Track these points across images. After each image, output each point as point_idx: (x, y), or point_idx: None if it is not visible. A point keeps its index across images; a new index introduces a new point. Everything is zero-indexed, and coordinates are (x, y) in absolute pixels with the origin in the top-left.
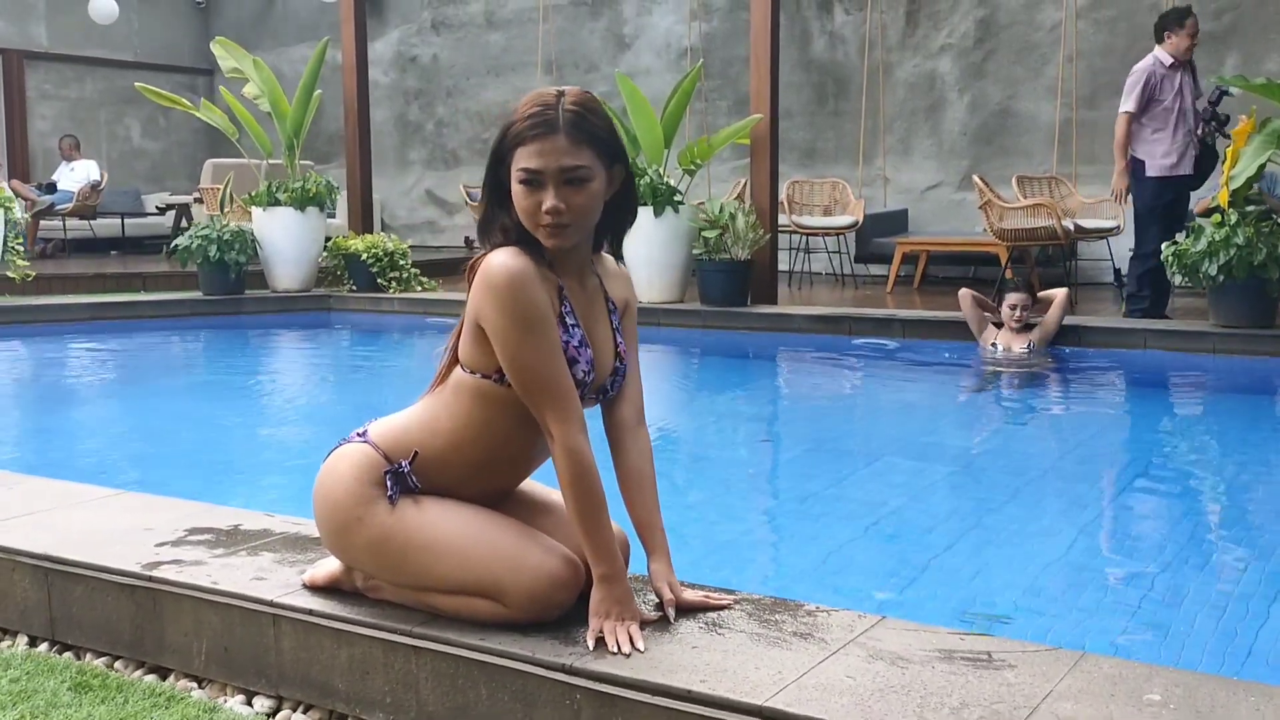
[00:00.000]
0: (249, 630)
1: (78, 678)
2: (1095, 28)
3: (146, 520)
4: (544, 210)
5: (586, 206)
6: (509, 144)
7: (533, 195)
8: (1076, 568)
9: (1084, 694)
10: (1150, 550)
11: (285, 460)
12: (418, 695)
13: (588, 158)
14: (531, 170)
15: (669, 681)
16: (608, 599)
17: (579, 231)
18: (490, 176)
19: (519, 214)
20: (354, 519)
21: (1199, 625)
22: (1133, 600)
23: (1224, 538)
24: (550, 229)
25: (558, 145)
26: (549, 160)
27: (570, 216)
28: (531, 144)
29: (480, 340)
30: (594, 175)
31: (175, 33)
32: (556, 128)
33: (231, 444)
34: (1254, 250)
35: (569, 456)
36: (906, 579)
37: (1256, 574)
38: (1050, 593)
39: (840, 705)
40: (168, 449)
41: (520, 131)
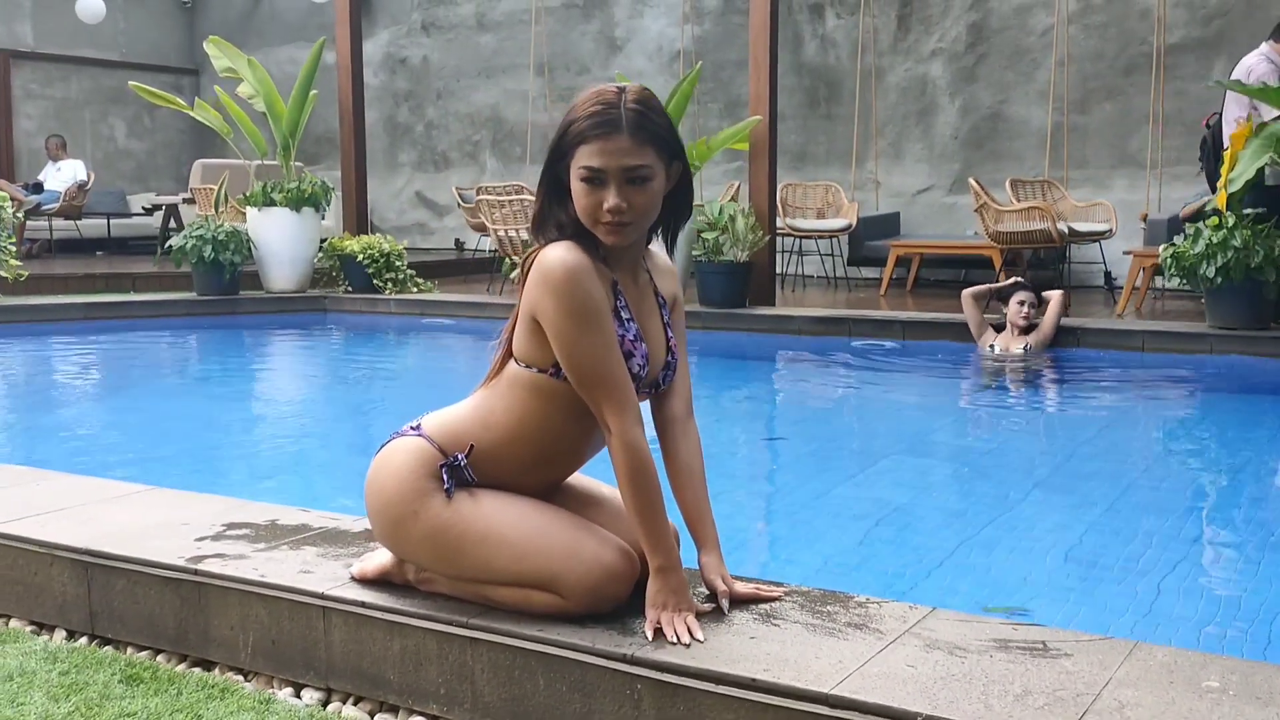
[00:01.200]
0: (298, 623)
1: (127, 670)
2: (1086, 33)
3: (181, 515)
4: (606, 209)
5: (648, 205)
6: (570, 141)
7: (594, 194)
8: (1089, 563)
9: (1142, 681)
10: (1160, 545)
11: (295, 458)
12: (473, 686)
13: (650, 157)
14: (594, 169)
15: (732, 670)
16: (664, 590)
17: (638, 230)
18: (548, 172)
19: (579, 211)
20: (410, 512)
21: (1219, 617)
22: (1148, 593)
23: (1231, 533)
24: (610, 227)
25: (621, 145)
26: (612, 160)
27: (631, 215)
28: (594, 142)
29: (535, 335)
30: (655, 174)
31: (161, 32)
32: (620, 127)
33: (237, 443)
34: (1251, 252)
35: (627, 450)
36: (922, 574)
37: (1270, 567)
38: (1066, 586)
39: (905, 693)
40: (173, 448)
41: (582, 130)
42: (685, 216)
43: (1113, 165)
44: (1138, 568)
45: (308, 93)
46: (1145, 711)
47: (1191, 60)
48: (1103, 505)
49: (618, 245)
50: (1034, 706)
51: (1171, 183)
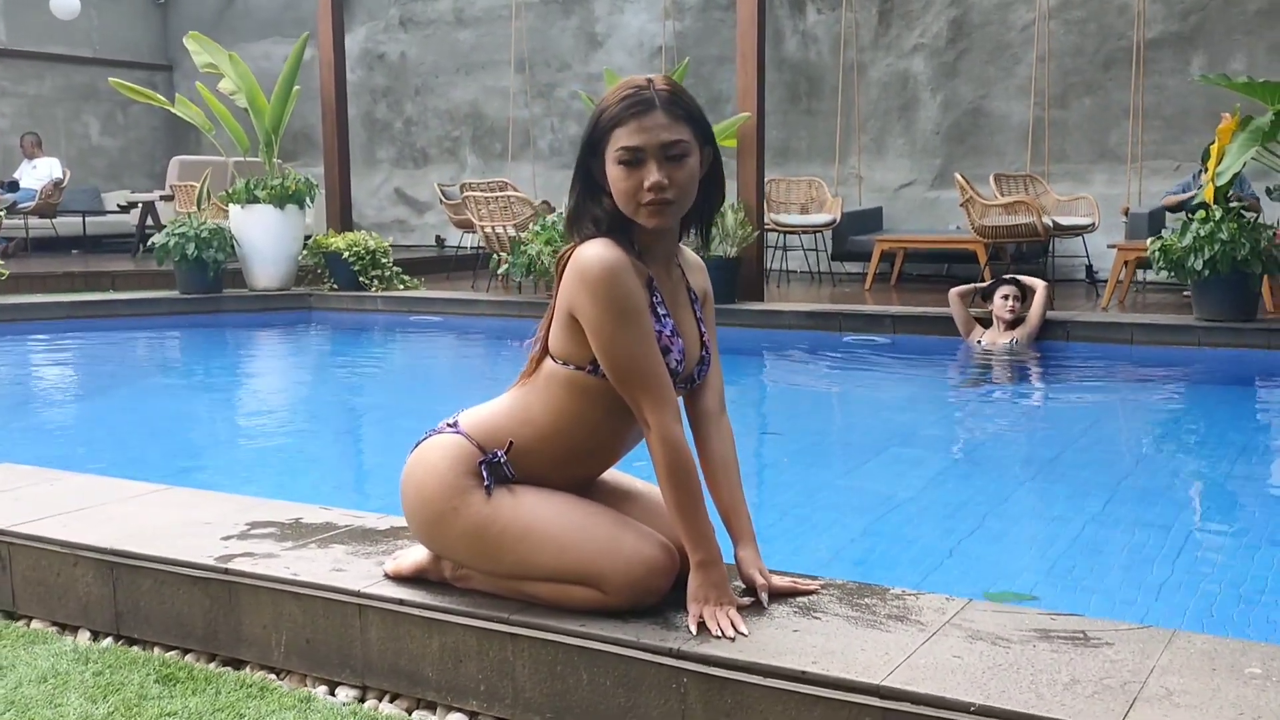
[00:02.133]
0: (333, 621)
1: (162, 670)
2: (1066, 28)
3: (202, 514)
4: (647, 187)
5: (687, 183)
6: (604, 128)
7: (633, 175)
8: (1093, 550)
9: (1186, 668)
10: (1161, 533)
11: (296, 458)
12: (514, 682)
13: (686, 133)
14: (632, 148)
15: (780, 663)
16: (706, 584)
17: (680, 210)
18: (581, 168)
19: (618, 197)
20: (449, 509)
21: (1218, 603)
22: (1154, 580)
23: (1228, 520)
24: (653, 207)
25: (657, 121)
26: (649, 136)
27: (674, 193)
28: (629, 123)
29: (573, 332)
30: (692, 151)
31: (134, 29)
32: (654, 105)
33: (234, 443)
34: (1238, 245)
35: (666, 445)
36: (930, 565)
37: (1267, 556)
38: (1073, 575)
39: (955, 683)
40: (168, 447)
41: (616, 114)
42: (718, 204)
43: (1092, 159)
44: (1141, 556)
45: (291, 88)
46: (1193, 699)
47: (1169, 55)
48: (1101, 495)
49: (660, 227)
50: (1084, 695)
51: (1150, 176)
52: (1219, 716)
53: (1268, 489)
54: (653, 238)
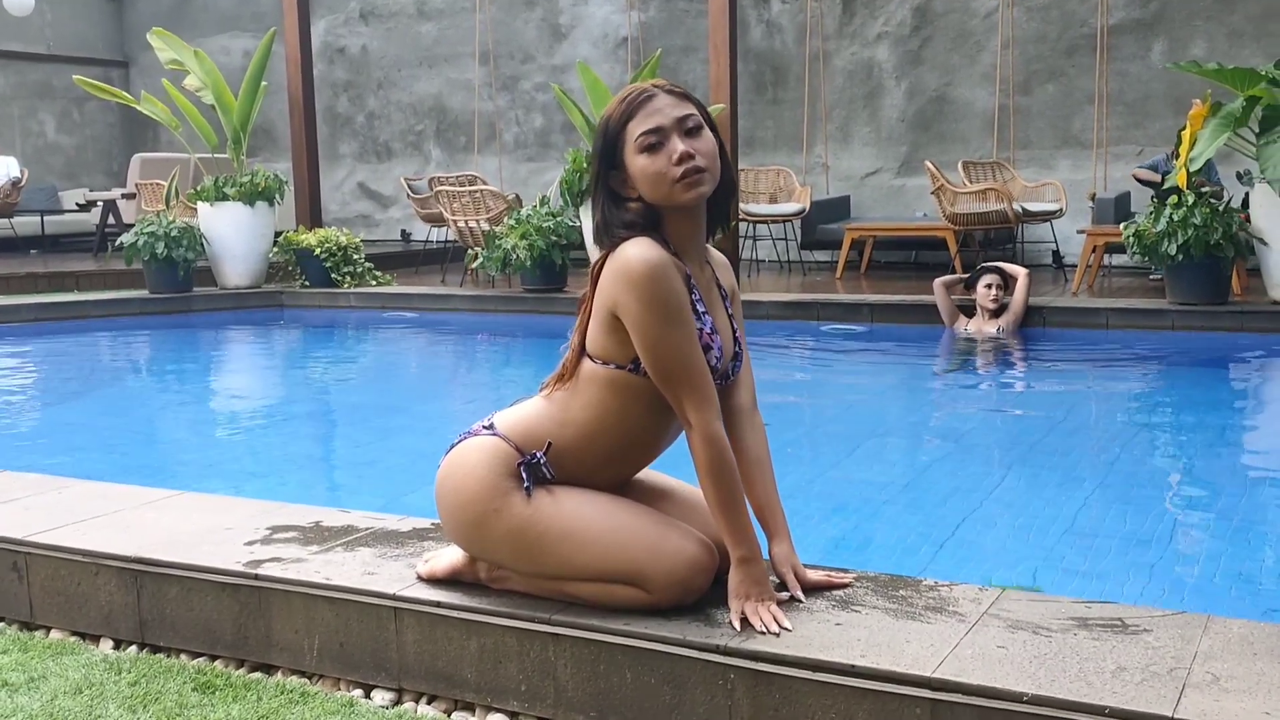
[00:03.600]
0: (367, 624)
1: (198, 678)
2: (1029, 15)
3: (221, 519)
4: (675, 160)
5: (712, 152)
6: (615, 131)
7: (660, 155)
8: (1089, 535)
9: (1227, 653)
10: (1154, 515)
11: (284, 457)
12: (556, 682)
13: (694, 109)
14: (651, 130)
15: (827, 657)
16: (746, 580)
17: (713, 180)
18: (600, 184)
19: (650, 186)
20: (490, 511)
21: (1217, 579)
22: (1148, 561)
23: (1219, 501)
24: (687, 179)
25: (665, 102)
26: (664, 115)
27: (703, 160)
28: (640, 112)
29: (614, 332)
30: (705, 125)
31: (89, 25)
32: (656, 93)
33: (227, 443)
34: (1211, 230)
35: (709, 443)
36: (929, 554)
37: (1259, 535)
38: (1071, 560)
39: (1004, 673)
40: (152, 450)
41: (624, 111)
42: (731, 190)
43: (1056, 145)
44: (1137, 539)
45: (259, 84)
46: (1240, 683)
47: (1131, 41)
48: (1092, 480)
49: (699, 200)
50: (1133, 683)
51: (1115, 161)
52: (1269, 700)
53: (1253, 471)
54: (686, 233)
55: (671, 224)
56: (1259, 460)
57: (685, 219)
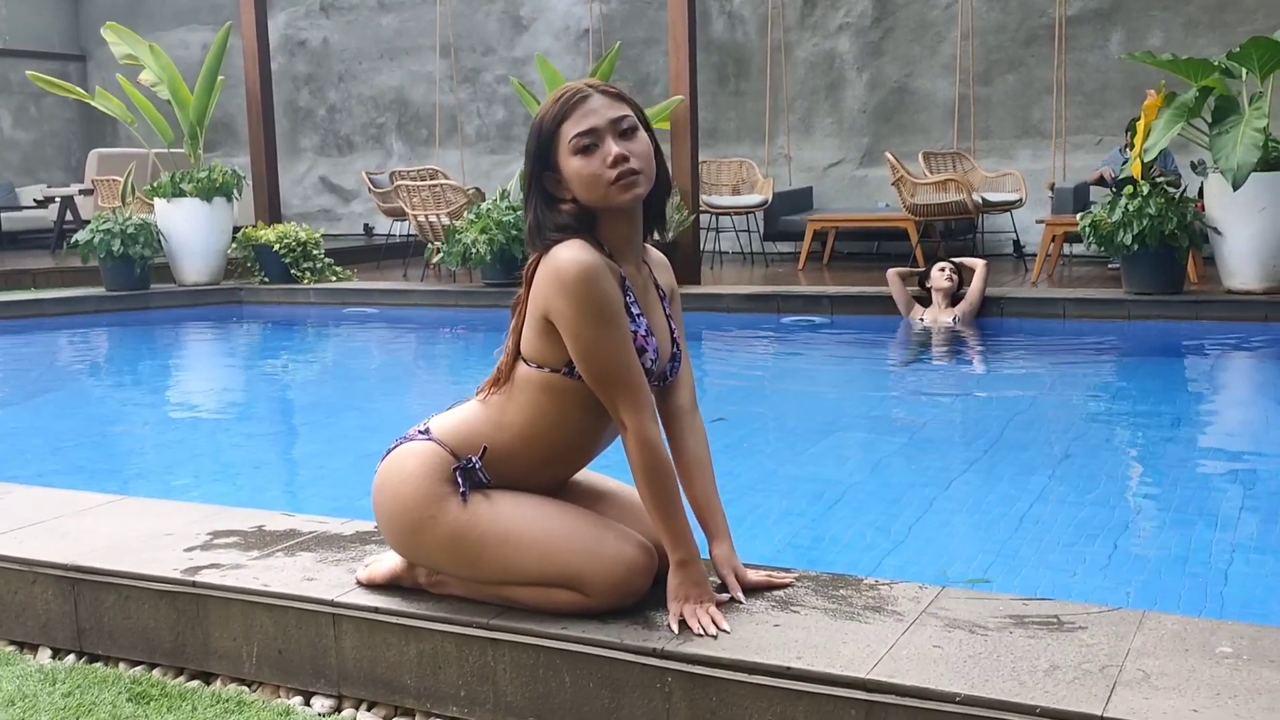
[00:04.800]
0: (306, 631)
1: (133, 687)
2: (989, 6)
3: (161, 525)
4: (610, 162)
5: (646, 154)
6: (549, 130)
7: (594, 157)
8: (1041, 529)
9: (1159, 650)
10: (1106, 508)
11: (236, 458)
12: (495, 687)
13: (628, 111)
14: (585, 131)
15: (764, 659)
16: (686, 582)
17: (648, 182)
18: (533, 183)
19: (584, 187)
20: (427, 517)
21: (1166, 577)
22: (1099, 558)
23: (1171, 493)
24: (622, 181)
25: (599, 103)
26: (598, 117)
27: (638, 162)
28: (575, 113)
29: (547, 335)
30: (640, 126)
31: (44, 18)
32: (590, 93)
33: (169, 444)
34: (1165, 219)
35: (643, 446)
36: (884, 550)
37: (1210, 527)
38: (1022, 555)
39: (938, 673)
40: (102, 453)
41: (559, 112)
42: (668, 190)
43: (1016, 135)
44: (1087, 533)
45: (215, 78)
46: (1170, 680)
47: (1090, 31)
48: (1045, 473)
49: (634, 202)
50: (1065, 681)
51: (1074, 151)
52: (1196, 697)
53: (1204, 462)
54: (621, 234)
55: (606, 225)
56: (1211, 451)
57: (621, 220)
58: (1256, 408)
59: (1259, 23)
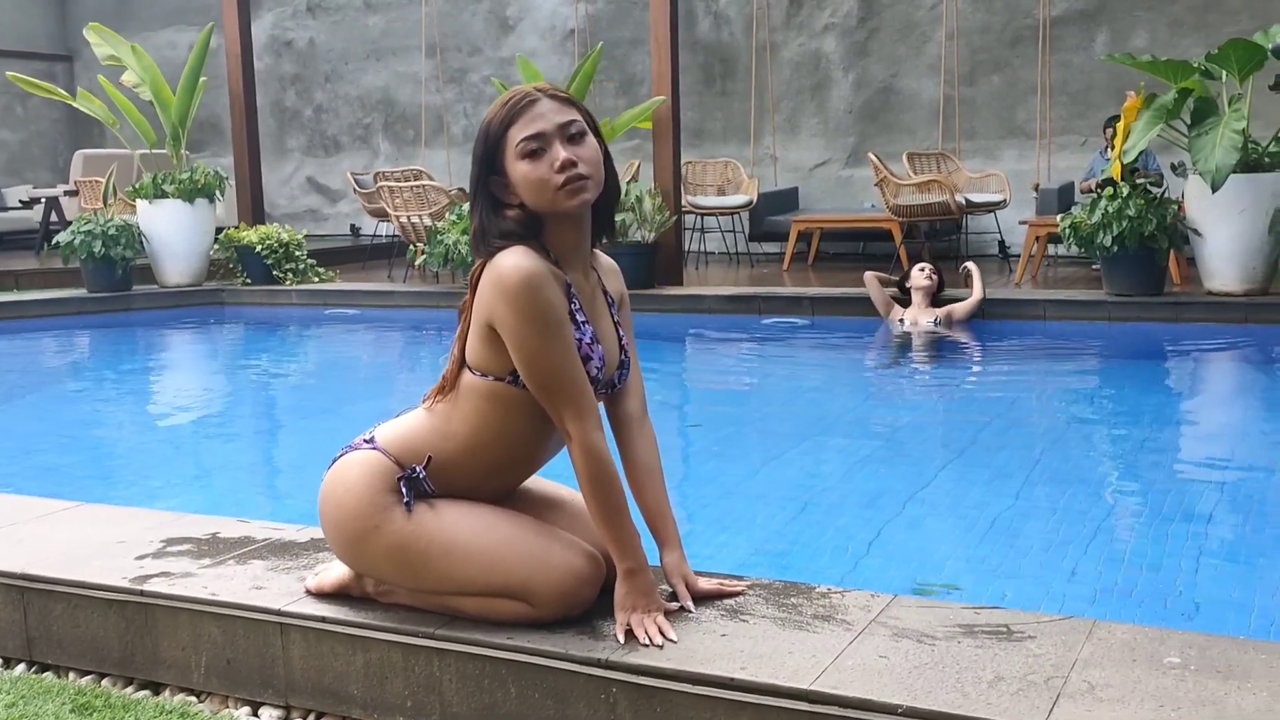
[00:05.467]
0: (254, 640)
1: (77, 698)
2: (974, 6)
3: (116, 532)
4: (558, 167)
5: (594, 159)
6: (496, 134)
7: (541, 161)
8: (1012, 535)
9: (1107, 660)
10: (1077, 515)
11: (209, 464)
12: (441, 697)
13: (577, 115)
14: (532, 136)
15: (708, 670)
16: (633, 592)
17: (596, 187)
18: (479, 186)
19: (531, 192)
20: (370, 528)
21: (1136, 584)
22: (1069, 564)
23: (1142, 499)
24: (569, 186)
25: (548, 108)
26: (546, 121)
27: (586, 168)
28: (522, 117)
29: (491, 343)
30: (588, 130)
31: (31, 18)
32: (539, 97)
33: (143, 450)
34: (1145, 221)
35: (588, 455)
36: (855, 556)
37: (1183, 532)
38: (993, 562)
39: (883, 684)
40: (76, 456)
41: (506, 115)
42: (617, 195)
43: (1001, 136)
44: (1059, 539)
45: (197, 80)
46: (1115, 691)
47: (1074, 32)
48: (1019, 478)
49: (582, 208)
50: (1009, 692)
51: (1059, 152)
52: (1140, 710)
53: (1178, 466)
54: (568, 240)
55: (553, 231)
56: (1186, 456)
57: (568, 226)
58: (1232, 412)
59: (1244, 24)
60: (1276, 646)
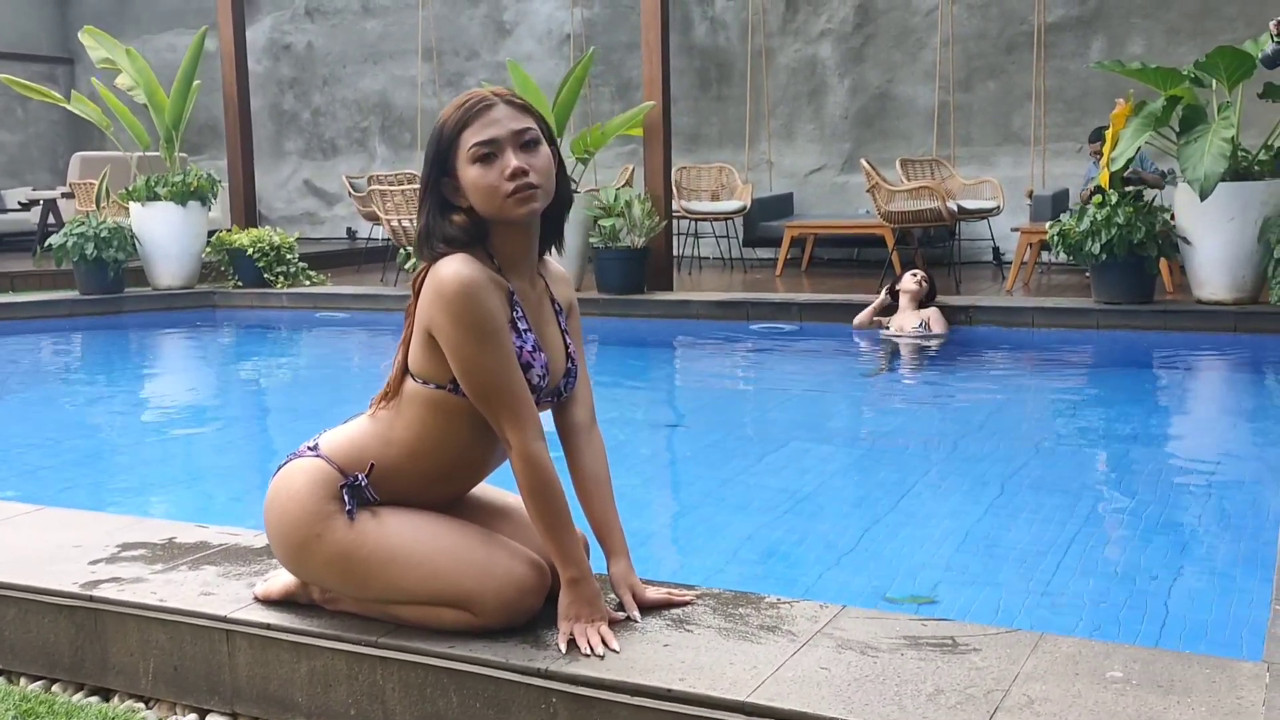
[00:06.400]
0: (200, 647)
1: (21, 704)
2: (969, 12)
3: (74, 536)
4: (508, 175)
5: (546, 168)
6: (449, 136)
7: (492, 168)
8: (989, 545)
9: (1049, 674)
10: (1055, 525)
11: (188, 467)
12: (384, 706)
13: (532, 123)
14: (485, 141)
15: (647, 681)
16: (577, 601)
17: (546, 197)
18: (429, 187)
19: (480, 197)
20: (313, 536)
21: (1110, 597)
22: (1044, 575)
23: (1127, 510)
24: (519, 194)
25: (503, 113)
26: (499, 128)
27: (537, 177)
28: (477, 121)
29: (432, 351)
30: (542, 140)
31: (32, 20)
32: (496, 102)
33: (124, 453)
34: (1134, 229)
35: (528, 464)
36: (828, 564)
37: (1163, 545)
38: (969, 571)
39: (820, 697)
40: (58, 459)
41: (461, 118)
42: (568, 205)
43: (997, 142)
44: (1035, 549)
45: (190, 83)
46: (1053, 706)
47: (1070, 38)
48: (997, 487)
49: (530, 216)
50: (946, 706)
51: (1054, 159)
52: None
53: (1157, 477)
54: (514, 248)
55: (499, 238)
56: (1167, 467)
57: (515, 234)
58: (1216, 423)
59: (1240, 31)
60: (1222, 661)
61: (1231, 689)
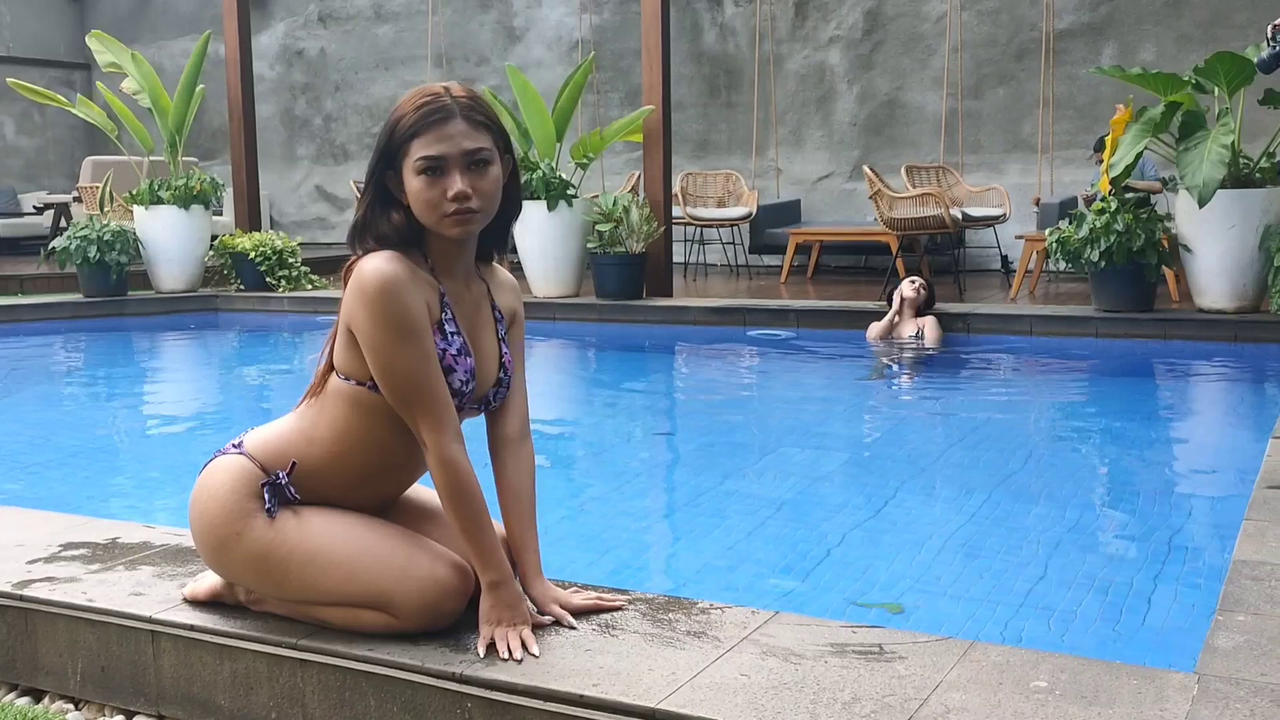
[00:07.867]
0: (126, 648)
1: None
2: (979, 19)
3: (19, 536)
4: (450, 197)
5: (492, 191)
6: (401, 138)
7: (436, 185)
8: (968, 555)
9: (973, 683)
10: (1037, 535)
11: (170, 467)
12: (304, 709)
13: (487, 141)
14: (433, 157)
15: (560, 687)
16: (498, 605)
17: (485, 219)
18: (374, 179)
19: (420, 208)
20: (232, 534)
21: (1085, 608)
22: (1023, 586)
23: (1109, 521)
24: (458, 216)
25: (457, 129)
26: (450, 145)
27: (478, 201)
28: (429, 132)
29: (354, 347)
30: (494, 159)
31: (49, 26)
32: (454, 113)
33: (113, 451)
34: (1133, 236)
35: (444, 466)
36: (803, 571)
37: (1140, 556)
38: (944, 581)
39: (733, 704)
40: (47, 459)
41: (414, 123)
42: (516, 212)
43: (1006, 150)
44: (1014, 559)
45: (194, 87)
46: (971, 716)
47: (1080, 45)
48: (981, 495)
49: (464, 237)
50: (861, 714)
51: (1063, 166)
52: None
53: (1145, 488)
54: (449, 252)
55: (435, 242)
56: (1155, 479)
57: (450, 241)
58: (1210, 434)
59: (1251, 38)
60: (1152, 672)
61: (1157, 700)
